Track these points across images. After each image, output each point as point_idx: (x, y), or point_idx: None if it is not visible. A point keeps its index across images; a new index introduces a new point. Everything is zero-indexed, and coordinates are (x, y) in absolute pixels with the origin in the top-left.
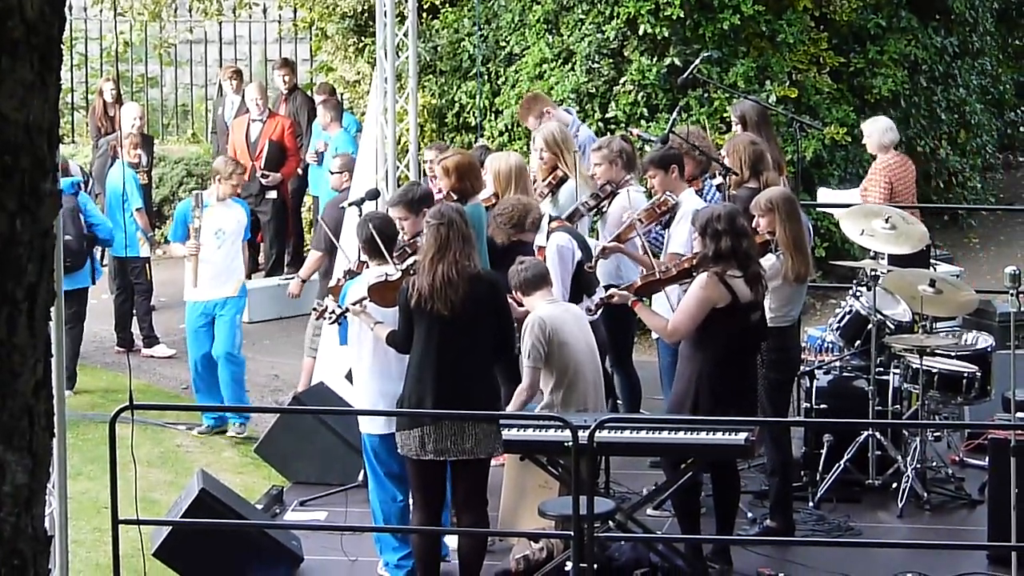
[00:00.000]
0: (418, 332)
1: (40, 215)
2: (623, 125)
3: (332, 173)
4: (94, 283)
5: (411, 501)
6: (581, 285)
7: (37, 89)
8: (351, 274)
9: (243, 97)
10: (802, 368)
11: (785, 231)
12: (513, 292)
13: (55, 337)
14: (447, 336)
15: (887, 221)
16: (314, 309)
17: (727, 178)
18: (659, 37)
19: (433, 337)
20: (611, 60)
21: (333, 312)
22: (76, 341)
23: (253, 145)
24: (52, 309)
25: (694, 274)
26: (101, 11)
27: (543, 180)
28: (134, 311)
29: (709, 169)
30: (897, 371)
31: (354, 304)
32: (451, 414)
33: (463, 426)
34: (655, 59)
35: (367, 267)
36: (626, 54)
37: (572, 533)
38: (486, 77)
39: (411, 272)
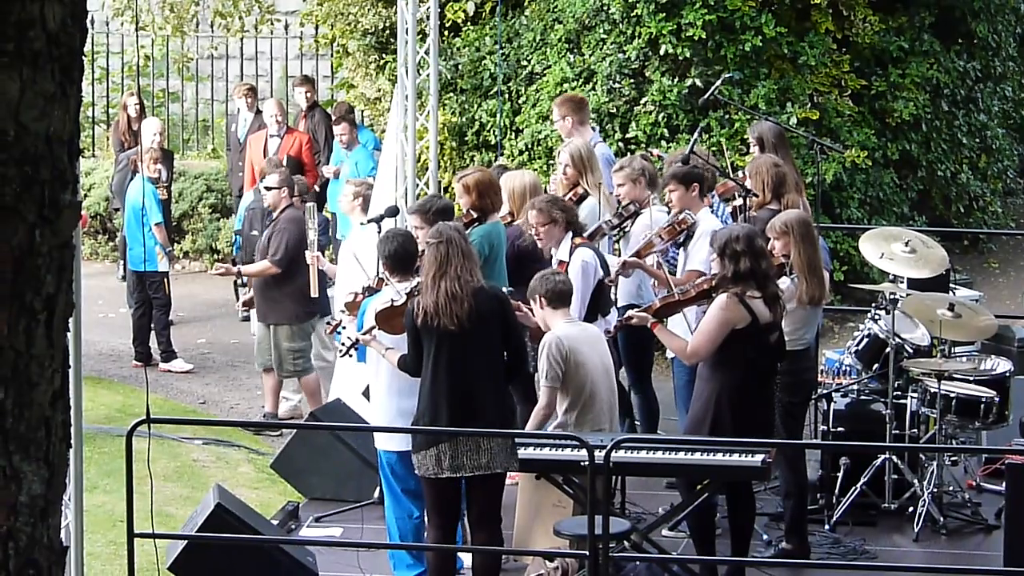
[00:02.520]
0: (427, 350)
1: (59, 226)
2: (643, 145)
3: (268, 189)
4: None
5: (426, 519)
6: (598, 304)
7: (58, 100)
8: (370, 291)
9: (256, 113)
10: (819, 391)
11: (799, 254)
12: (537, 299)
13: (72, 349)
14: (456, 351)
15: (907, 244)
16: (328, 323)
17: (747, 199)
18: (680, 58)
19: (443, 354)
20: (632, 80)
21: (343, 344)
22: None
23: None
24: (70, 320)
25: (713, 295)
26: (123, 24)
27: (563, 195)
28: (152, 325)
29: (714, 187)
30: (915, 395)
31: (364, 333)
32: (466, 432)
33: (478, 441)
34: (676, 80)
35: (386, 284)
36: (647, 74)
37: (587, 553)
38: (507, 96)
39: (415, 294)
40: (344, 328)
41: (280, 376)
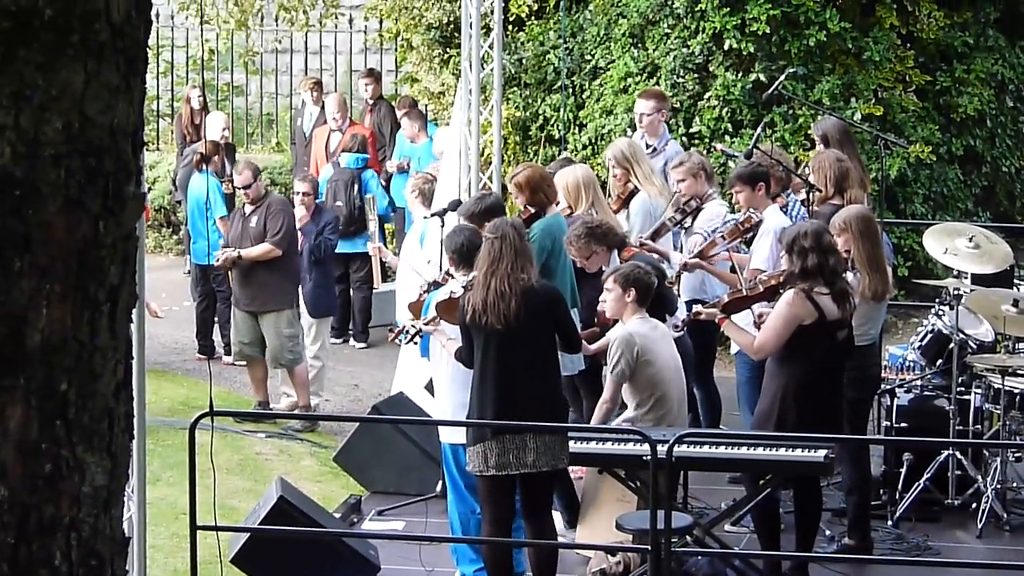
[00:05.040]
0: (476, 347)
1: (123, 218)
2: (707, 140)
3: (243, 188)
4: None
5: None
6: (664, 305)
7: (122, 93)
8: (436, 285)
9: (322, 108)
10: (883, 386)
11: (859, 250)
12: (626, 286)
13: (136, 342)
14: (503, 350)
15: (971, 240)
16: (390, 330)
17: (810, 194)
18: (745, 53)
19: (490, 351)
20: (696, 75)
21: (408, 331)
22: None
23: (332, 156)
24: (134, 312)
25: (781, 291)
26: (187, 18)
27: (618, 194)
28: (215, 319)
29: (790, 185)
30: (978, 391)
31: (427, 322)
32: (523, 426)
33: (524, 439)
34: (740, 75)
35: (452, 279)
36: (711, 69)
37: (650, 547)
38: (570, 90)
39: (469, 288)
40: (408, 332)
41: (277, 365)
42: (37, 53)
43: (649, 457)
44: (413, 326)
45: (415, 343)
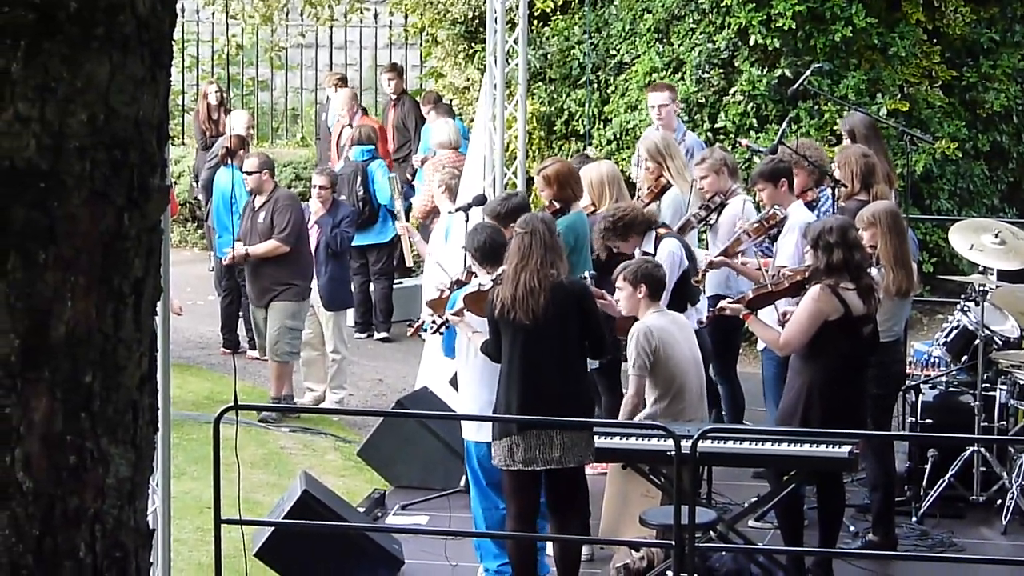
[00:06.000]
0: (504, 341)
1: (148, 210)
2: (732, 135)
3: (248, 174)
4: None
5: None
6: (685, 295)
7: (147, 85)
8: (459, 284)
9: None
10: (908, 382)
11: (886, 245)
12: (636, 283)
13: (161, 335)
14: (531, 345)
15: (997, 236)
16: (409, 324)
17: (836, 190)
18: (770, 48)
19: (517, 346)
20: (721, 70)
21: (434, 322)
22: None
23: (342, 150)
24: (158, 306)
25: (806, 287)
26: (213, 13)
27: (647, 189)
28: (240, 313)
29: (823, 181)
30: (1004, 387)
31: (453, 314)
32: (547, 421)
33: (551, 435)
34: (765, 70)
35: (475, 276)
36: (736, 64)
37: (673, 542)
38: (595, 85)
39: (499, 282)
40: (428, 328)
41: (272, 357)
42: (62, 45)
43: (673, 452)
44: (440, 316)
45: (440, 333)
